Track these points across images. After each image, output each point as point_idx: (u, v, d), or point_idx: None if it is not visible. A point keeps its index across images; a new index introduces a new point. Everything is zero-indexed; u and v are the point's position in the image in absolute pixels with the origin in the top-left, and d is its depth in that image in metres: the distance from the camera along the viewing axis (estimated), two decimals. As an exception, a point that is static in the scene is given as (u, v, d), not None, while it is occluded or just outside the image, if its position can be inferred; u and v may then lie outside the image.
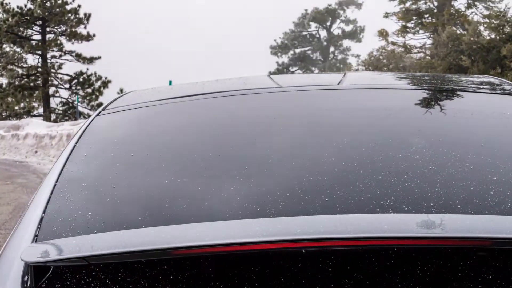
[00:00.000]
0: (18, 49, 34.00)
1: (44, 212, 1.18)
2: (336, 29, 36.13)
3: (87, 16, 33.82)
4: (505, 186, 1.13)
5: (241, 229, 0.99)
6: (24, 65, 34.40)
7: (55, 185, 1.29)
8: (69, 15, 33.60)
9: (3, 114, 33.37)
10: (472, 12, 23.83)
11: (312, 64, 35.88)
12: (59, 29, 34.17)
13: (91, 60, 34.21)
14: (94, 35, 34.04)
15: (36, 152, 17.64)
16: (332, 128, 1.48)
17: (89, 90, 34.32)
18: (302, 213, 1.08)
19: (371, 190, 1.13)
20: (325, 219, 1.02)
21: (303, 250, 0.93)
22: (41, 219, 1.16)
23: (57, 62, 34.61)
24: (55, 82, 34.82)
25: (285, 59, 36.57)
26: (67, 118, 33.02)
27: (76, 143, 1.50)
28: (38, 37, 34.37)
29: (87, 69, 34.21)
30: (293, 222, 1.00)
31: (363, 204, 1.08)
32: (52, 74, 34.48)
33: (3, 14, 32.86)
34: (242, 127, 1.54)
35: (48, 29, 34.22)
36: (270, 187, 1.19)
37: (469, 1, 23.99)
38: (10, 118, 31.91)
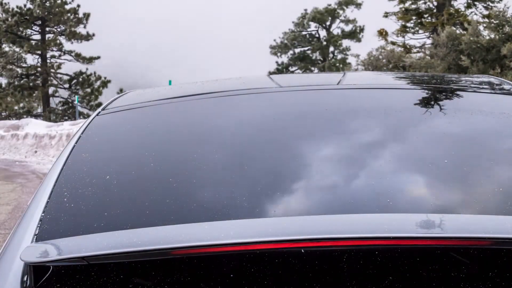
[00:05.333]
0: (17, 49, 34.00)
1: (44, 212, 1.18)
2: (335, 29, 36.11)
3: (87, 16, 33.81)
4: (505, 186, 1.13)
5: (241, 229, 0.99)
6: (24, 65, 34.40)
7: (55, 185, 1.29)
8: (69, 15, 33.59)
9: (2, 114, 33.36)
10: (471, 12, 23.83)
11: (311, 64, 35.84)
12: (59, 29, 34.17)
13: (90, 60, 34.19)
14: (93, 35, 34.03)
15: (35, 152, 17.63)
16: (332, 127, 1.48)
17: (89, 90, 34.32)
18: (302, 213, 1.08)
19: (371, 190, 1.13)
20: (325, 219, 1.02)
21: (302, 250, 0.93)
22: (41, 219, 1.16)
23: (56, 62, 34.62)
24: (55, 82, 34.83)
25: (284, 59, 36.54)
26: (66, 118, 33.00)
27: (76, 143, 1.50)
28: (38, 37, 34.38)
29: (87, 69, 34.23)
30: (293, 222, 1.00)
31: (363, 204, 1.08)
32: (52, 74, 34.47)
33: (2, 14, 32.85)
34: (242, 127, 1.54)
35: (47, 29, 34.21)
36: (270, 187, 1.19)
37: (469, 1, 23.98)
38: (9, 118, 31.89)
